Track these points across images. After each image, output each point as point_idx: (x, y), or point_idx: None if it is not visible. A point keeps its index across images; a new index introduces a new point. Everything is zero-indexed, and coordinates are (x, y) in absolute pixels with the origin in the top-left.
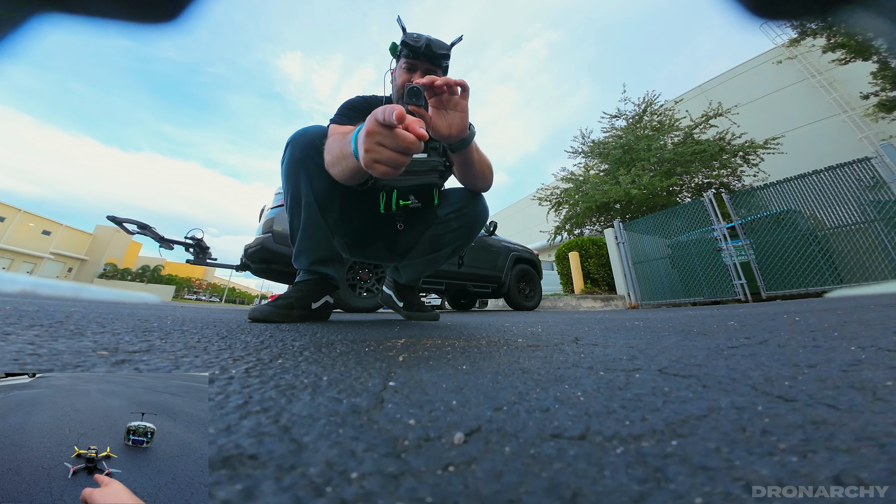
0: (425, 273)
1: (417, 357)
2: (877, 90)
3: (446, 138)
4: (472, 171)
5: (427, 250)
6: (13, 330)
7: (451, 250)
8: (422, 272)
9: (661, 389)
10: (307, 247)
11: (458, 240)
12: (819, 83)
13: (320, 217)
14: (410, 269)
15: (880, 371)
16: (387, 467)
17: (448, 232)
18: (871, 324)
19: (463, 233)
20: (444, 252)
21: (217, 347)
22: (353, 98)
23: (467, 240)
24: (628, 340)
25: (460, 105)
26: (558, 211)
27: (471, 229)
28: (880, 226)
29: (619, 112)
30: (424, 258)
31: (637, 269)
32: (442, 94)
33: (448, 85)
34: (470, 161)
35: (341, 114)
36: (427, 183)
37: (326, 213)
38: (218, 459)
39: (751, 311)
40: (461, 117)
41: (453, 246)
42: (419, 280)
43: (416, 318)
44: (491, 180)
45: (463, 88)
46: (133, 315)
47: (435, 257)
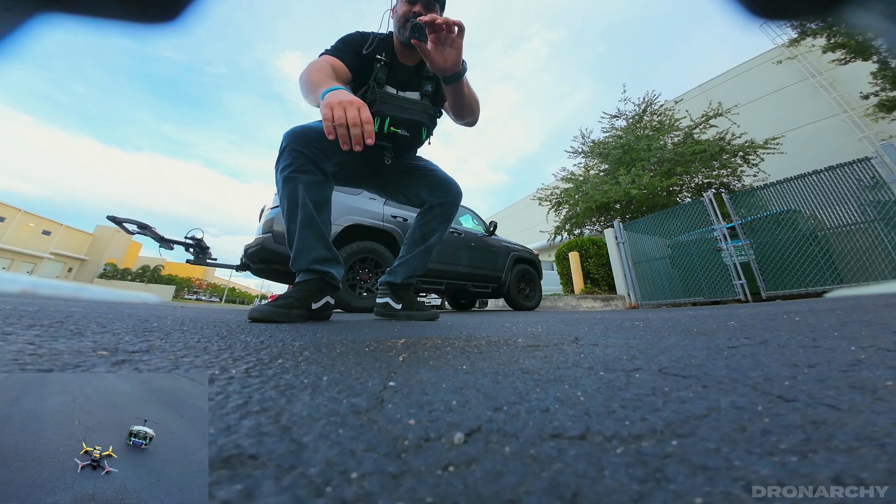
0: (420, 270)
1: (417, 357)
2: (877, 90)
3: (442, 70)
4: (462, 103)
5: (419, 240)
6: (13, 330)
7: (439, 237)
8: (416, 268)
9: (661, 389)
10: (306, 246)
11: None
12: (819, 83)
13: (317, 217)
14: (405, 267)
15: (880, 371)
16: (387, 467)
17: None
18: (871, 324)
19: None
20: (434, 240)
21: (217, 347)
22: (352, 33)
23: (448, 220)
24: (628, 340)
25: (456, 43)
26: (558, 211)
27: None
28: (880, 226)
29: (619, 112)
30: (418, 250)
31: (637, 269)
32: (441, 32)
33: (447, 24)
34: (461, 94)
35: (338, 48)
36: (417, 120)
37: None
38: (218, 459)
39: (751, 311)
40: (456, 53)
41: (440, 231)
42: (414, 277)
43: (416, 317)
44: (478, 113)
45: (460, 28)
46: (133, 315)
47: (427, 247)
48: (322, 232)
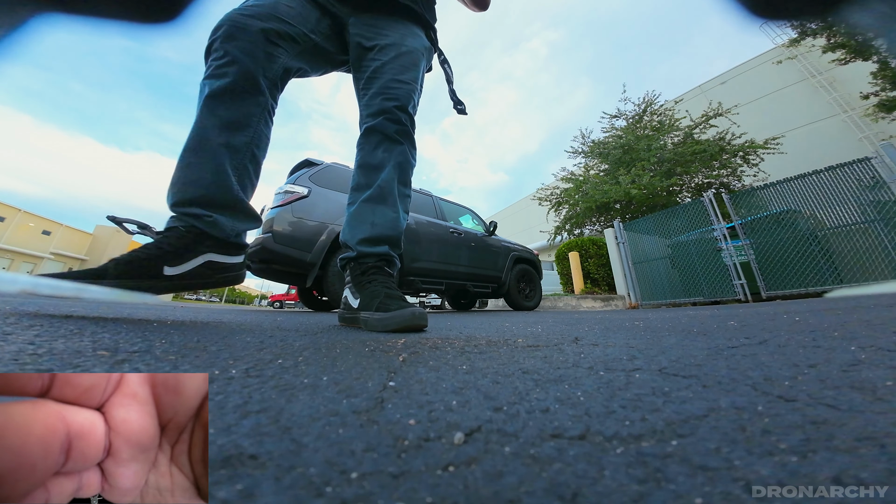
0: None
1: (417, 357)
2: (877, 90)
3: None
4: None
5: (368, 171)
6: (13, 330)
7: (392, 173)
8: (375, 226)
9: (661, 389)
10: (181, 178)
11: (391, 152)
12: (819, 83)
13: (216, 137)
14: (354, 224)
15: (880, 371)
16: (387, 467)
17: (379, 143)
18: (871, 324)
19: (387, 136)
20: (386, 177)
21: (217, 347)
22: None
23: (396, 143)
24: (628, 340)
25: None
26: (558, 211)
27: (391, 125)
28: (880, 226)
29: (619, 112)
30: (365, 195)
31: (637, 269)
32: None
33: None
34: None
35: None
36: None
37: (231, 133)
38: (218, 459)
39: (751, 311)
40: None
41: (391, 165)
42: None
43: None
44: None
45: None
46: (133, 315)
47: (379, 190)
48: (218, 160)
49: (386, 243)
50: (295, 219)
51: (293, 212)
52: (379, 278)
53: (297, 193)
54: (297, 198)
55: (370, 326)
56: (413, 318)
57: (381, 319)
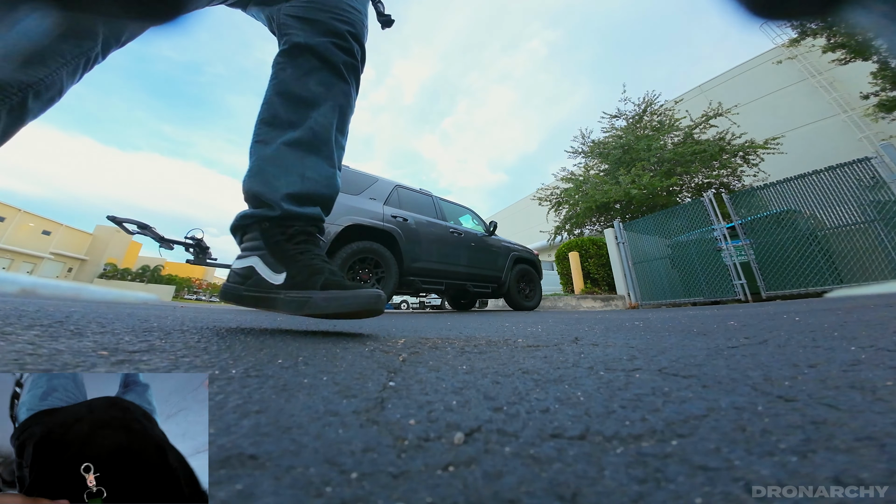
0: (317, 186)
1: (417, 357)
2: (877, 90)
3: None
4: None
5: (295, 108)
6: (13, 330)
7: (331, 112)
8: (307, 179)
9: (661, 389)
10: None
11: (332, 86)
12: (819, 83)
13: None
14: (275, 173)
15: (880, 371)
16: (386, 467)
17: (312, 71)
18: (871, 324)
19: (326, 61)
20: (321, 118)
21: (217, 348)
22: None
23: (337, 78)
24: (628, 340)
25: None
26: (558, 211)
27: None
28: (880, 226)
29: (619, 112)
30: (292, 136)
31: (637, 269)
32: None
33: None
34: None
35: None
36: None
37: None
38: (218, 459)
39: (751, 311)
40: None
41: (331, 101)
42: (310, 199)
43: (318, 306)
44: None
45: None
46: (133, 315)
47: (314, 136)
48: None
49: (319, 204)
50: None
51: None
52: (314, 249)
53: None
54: None
55: (312, 308)
56: (377, 301)
57: (335, 298)
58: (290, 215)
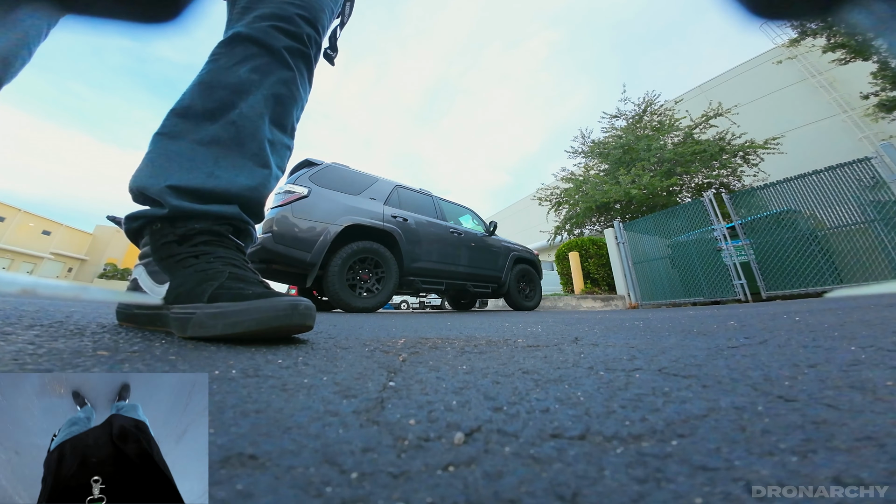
0: (208, 179)
1: (417, 357)
2: (877, 90)
3: None
4: None
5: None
6: (13, 330)
7: (263, 102)
8: (204, 168)
9: (661, 389)
10: None
11: (267, 75)
12: (819, 83)
13: None
14: (171, 160)
15: (880, 371)
16: (386, 467)
17: (248, 58)
18: (871, 324)
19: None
20: (249, 109)
21: (217, 347)
22: None
23: (284, 67)
24: (628, 340)
25: None
26: (558, 211)
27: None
28: (880, 226)
29: (619, 112)
30: (213, 126)
31: (637, 269)
32: None
33: None
34: None
35: None
36: None
37: None
38: (218, 459)
39: (751, 311)
40: None
41: (269, 89)
42: (183, 194)
43: (208, 325)
44: None
45: None
46: None
47: (235, 130)
48: None
49: (236, 203)
50: (295, 219)
51: (293, 212)
52: (218, 251)
53: (297, 193)
54: (297, 198)
55: (195, 328)
56: (291, 312)
57: (223, 314)
58: (185, 213)
